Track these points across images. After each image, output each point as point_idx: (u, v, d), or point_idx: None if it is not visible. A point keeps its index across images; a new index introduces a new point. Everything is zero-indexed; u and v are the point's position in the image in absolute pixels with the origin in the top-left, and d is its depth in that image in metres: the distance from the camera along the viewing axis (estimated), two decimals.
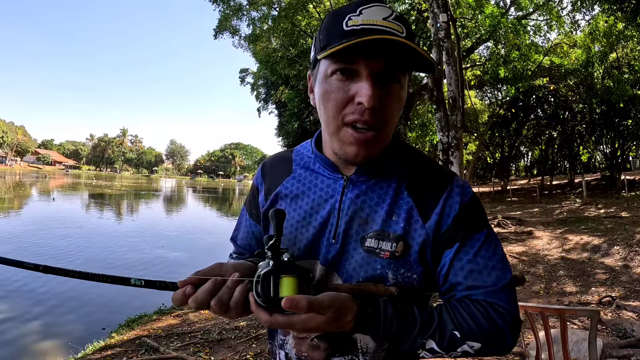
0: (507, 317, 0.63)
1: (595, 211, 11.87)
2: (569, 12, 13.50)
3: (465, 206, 0.68)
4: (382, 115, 0.63)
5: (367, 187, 0.71)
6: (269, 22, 14.56)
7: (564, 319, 2.03)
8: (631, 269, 5.89)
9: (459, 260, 0.66)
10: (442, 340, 0.62)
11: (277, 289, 0.55)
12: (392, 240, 0.67)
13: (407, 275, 0.67)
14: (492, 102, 20.72)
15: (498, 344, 0.64)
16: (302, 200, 0.74)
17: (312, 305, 0.54)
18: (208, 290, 0.58)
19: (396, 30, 0.59)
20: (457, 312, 0.63)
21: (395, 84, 0.63)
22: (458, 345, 0.62)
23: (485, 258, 0.66)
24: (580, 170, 26.43)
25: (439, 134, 7.02)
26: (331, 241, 0.70)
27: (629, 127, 19.32)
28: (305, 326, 0.55)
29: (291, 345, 0.73)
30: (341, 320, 0.57)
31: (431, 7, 7.02)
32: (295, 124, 21.25)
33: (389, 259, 0.66)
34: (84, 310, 5.68)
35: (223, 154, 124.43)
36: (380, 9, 0.61)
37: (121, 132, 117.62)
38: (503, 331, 0.63)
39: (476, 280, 0.65)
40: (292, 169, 0.79)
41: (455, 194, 0.68)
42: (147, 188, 44.70)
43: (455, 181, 0.70)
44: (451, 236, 0.67)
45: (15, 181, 40.36)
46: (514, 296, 0.66)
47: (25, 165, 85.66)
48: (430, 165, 0.74)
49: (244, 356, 3.41)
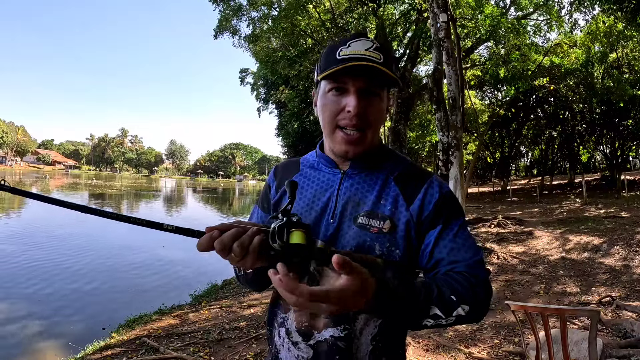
0: (484, 285, 0.76)
1: (595, 211, 11.87)
2: (568, 11, 13.50)
3: (443, 195, 0.84)
4: (366, 119, 0.82)
5: (360, 178, 0.87)
6: (269, 22, 14.55)
7: (564, 319, 2.03)
8: (631, 269, 5.89)
9: (442, 239, 0.80)
10: (444, 305, 0.70)
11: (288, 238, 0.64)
12: (380, 219, 0.81)
13: (391, 249, 0.80)
14: (492, 102, 20.74)
15: (480, 306, 0.75)
16: (306, 191, 0.90)
17: (352, 266, 0.56)
18: (232, 235, 0.66)
19: (374, 57, 0.79)
20: (448, 281, 0.73)
21: (375, 97, 0.82)
22: (454, 309, 0.70)
23: (463, 239, 0.80)
24: (580, 170, 26.44)
25: (439, 134, 7.02)
26: (330, 221, 0.84)
27: (629, 127, 19.31)
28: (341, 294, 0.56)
29: (292, 320, 0.83)
30: (367, 290, 0.60)
31: (431, 7, 7.01)
32: (295, 124, 21.26)
33: (377, 233, 0.80)
34: (84, 310, 5.69)
35: (223, 154, 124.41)
36: (364, 42, 0.82)
37: (121, 132, 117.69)
38: (482, 295, 0.75)
39: (457, 255, 0.78)
40: (299, 169, 0.96)
41: (435, 185, 0.85)
42: (147, 188, 44.71)
43: (434, 177, 0.87)
44: (433, 219, 0.81)
45: (15, 181, 40.37)
46: (485, 268, 0.80)
47: (25, 165, 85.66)
48: (413, 165, 0.92)
49: (244, 356, 3.41)
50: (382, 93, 0.83)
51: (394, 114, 12.26)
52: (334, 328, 0.79)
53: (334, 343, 0.79)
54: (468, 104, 11.85)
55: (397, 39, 14.67)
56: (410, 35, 13.94)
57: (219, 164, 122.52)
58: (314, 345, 0.80)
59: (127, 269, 7.81)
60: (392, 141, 12.27)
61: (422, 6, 10.73)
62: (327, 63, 0.82)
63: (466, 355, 3.37)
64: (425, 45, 13.26)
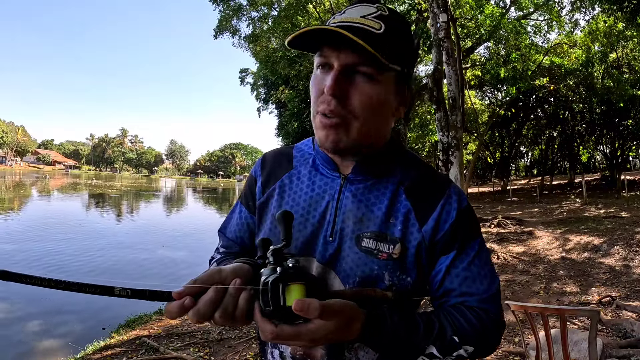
0: (497, 323, 0.68)
1: (595, 211, 11.86)
2: (569, 11, 13.50)
3: (461, 213, 0.70)
4: (348, 105, 0.64)
5: (364, 187, 0.72)
6: (269, 22, 14.55)
7: (564, 319, 2.03)
8: (631, 269, 5.89)
9: (455, 267, 0.69)
10: (443, 345, 0.63)
11: (284, 298, 0.51)
12: (390, 242, 0.68)
13: (402, 277, 0.68)
14: (492, 102, 20.72)
15: (489, 346, 0.68)
16: (299, 197, 0.75)
17: (324, 308, 0.51)
18: (211, 301, 0.53)
19: (371, 26, 0.62)
20: (455, 318, 0.66)
21: (367, 80, 0.64)
22: (455, 350, 0.64)
23: (479, 267, 0.69)
24: (580, 170, 26.43)
25: (439, 134, 7.02)
26: (328, 239, 0.70)
27: (629, 127, 19.31)
28: (314, 336, 0.53)
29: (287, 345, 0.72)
30: (350, 328, 0.56)
31: (431, 7, 7.01)
32: (295, 124, 21.23)
33: (387, 260, 0.67)
34: (84, 310, 5.68)
35: (223, 154, 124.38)
36: (363, 8, 0.65)
37: (121, 132, 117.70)
38: (492, 333, 0.68)
39: (470, 287, 0.68)
40: (292, 165, 0.79)
41: (453, 200, 0.70)
42: (147, 188, 44.70)
43: (452, 188, 0.72)
44: (448, 242, 0.69)
45: (15, 181, 40.35)
46: (500, 302, 0.70)
47: (25, 165, 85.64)
48: (428, 170, 0.75)
49: (244, 356, 3.41)
50: (380, 76, 0.64)
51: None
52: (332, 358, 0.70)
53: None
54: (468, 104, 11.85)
55: None
56: None
57: (219, 164, 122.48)
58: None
59: (127, 269, 7.81)
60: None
61: (422, 6, 10.73)
62: None
63: None
64: (425, 45, 13.25)
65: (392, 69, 0.65)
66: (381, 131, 0.71)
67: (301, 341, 0.54)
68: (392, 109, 0.71)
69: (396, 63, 0.66)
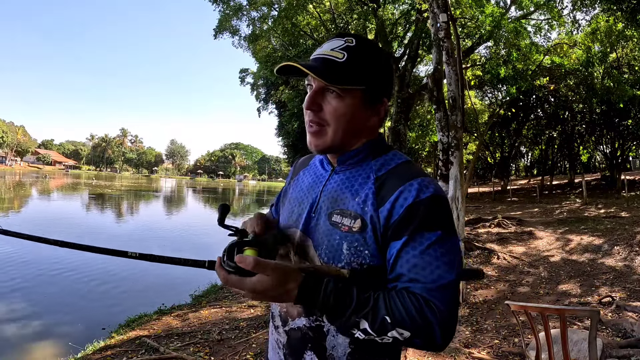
0: (438, 315, 0.68)
1: (596, 211, 11.86)
2: (570, 11, 13.49)
3: (419, 202, 0.73)
4: (323, 116, 0.82)
5: (345, 176, 0.86)
6: (269, 22, 14.54)
7: (563, 319, 2.03)
8: (632, 269, 5.89)
9: (406, 253, 0.72)
10: (374, 322, 0.68)
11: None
12: (352, 217, 0.79)
13: (359, 250, 0.77)
14: (492, 102, 20.72)
15: (427, 337, 0.68)
16: (303, 184, 0.95)
17: (258, 263, 0.67)
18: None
19: (334, 57, 0.79)
20: (392, 300, 0.69)
21: (333, 95, 0.80)
22: (388, 330, 0.68)
23: (432, 257, 0.71)
24: (580, 170, 26.43)
25: (439, 134, 7.01)
26: (312, 214, 0.86)
27: (629, 127, 19.31)
28: (254, 287, 0.67)
29: (276, 305, 0.90)
30: (285, 286, 0.68)
31: (431, 7, 7.00)
32: (295, 124, 21.24)
33: (347, 232, 0.78)
34: (84, 310, 5.68)
35: (223, 154, 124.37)
36: (334, 42, 0.82)
37: (121, 132, 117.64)
38: (432, 326, 0.67)
39: (418, 274, 0.71)
40: (309, 164, 1.01)
41: (413, 189, 0.75)
42: (147, 188, 44.70)
43: (419, 179, 0.76)
44: (400, 228, 0.73)
45: (15, 181, 40.34)
46: (451, 298, 0.70)
47: (25, 165, 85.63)
48: (405, 165, 0.84)
49: (244, 356, 3.41)
50: (344, 93, 0.80)
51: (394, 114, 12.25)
52: (306, 318, 0.81)
53: (306, 332, 0.81)
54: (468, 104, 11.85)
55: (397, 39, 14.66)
56: (410, 35, 13.93)
57: (219, 164, 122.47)
58: (288, 331, 0.85)
59: (127, 269, 7.81)
60: (392, 141, 12.26)
61: (422, 6, 10.73)
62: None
63: (466, 356, 3.37)
64: (425, 45, 13.25)
65: (354, 89, 0.80)
66: (353, 135, 0.84)
67: (244, 289, 0.69)
68: (363, 119, 0.84)
69: (357, 84, 0.80)
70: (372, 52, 0.83)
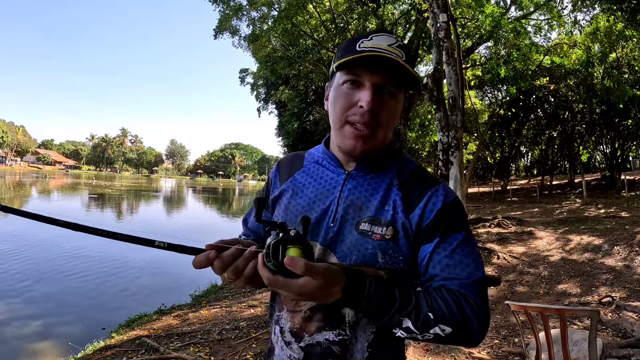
0: (476, 309, 0.71)
1: (596, 211, 11.86)
2: (570, 11, 13.49)
3: (447, 206, 0.78)
4: (378, 118, 0.77)
5: (364, 181, 0.83)
6: (269, 22, 14.54)
7: (564, 319, 2.03)
8: (632, 269, 5.89)
9: (438, 254, 0.75)
10: (417, 320, 0.69)
11: (283, 256, 0.63)
12: (383, 225, 0.77)
13: (394, 257, 0.77)
14: (492, 102, 20.71)
15: (466, 331, 0.70)
16: (308, 190, 0.87)
17: (309, 267, 0.62)
18: (232, 255, 0.68)
19: (396, 54, 0.75)
20: (432, 297, 0.71)
21: (391, 96, 0.78)
22: (431, 327, 0.69)
23: (461, 255, 0.75)
24: (580, 170, 26.43)
25: (439, 134, 7.01)
26: (330, 225, 0.81)
27: (629, 127, 19.31)
28: (301, 289, 0.63)
29: (286, 319, 0.83)
30: (331, 288, 0.65)
31: (431, 7, 7.00)
32: (295, 124, 21.24)
33: (380, 240, 0.77)
34: (84, 310, 5.68)
35: (223, 154, 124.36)
36: (387, 37, 0.78)
37: (121, 132, 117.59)
38: (471, 320, 0.70)
39: (451, 273, 0.74)
40: (303, 165, 0.93)
41: (440, 194, 0.79)
42: (147, 188, 44.70)
43: (442, 184, 0.82)
44: (431, 231, 0.76)
45: (15, 181, 40.34)
46: (484, 293, 0.74)
47: (25, 165, 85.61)
48: (420, 169, 0.87)
49: (244, 356, 3.41)
50: (399, 94, 0.79)
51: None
52: (328, 332, 0.78)
53: (328, 347, 0.78)
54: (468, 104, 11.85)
55: None
56: (410, 35, 13.93)
57: (219, 164, 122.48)
58: (304, 347, 0.80)
59: (127, 269, 7.81)
60: (392, 141, 12.26)
61: (422, 6, 10.73)
62: (345, 53, 0.77)
63: (466, 356, 3.37)
64: (425, 45, 13.25)
65: (412, 86, 0.79)
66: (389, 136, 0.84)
67: (289, 291, 0.64)
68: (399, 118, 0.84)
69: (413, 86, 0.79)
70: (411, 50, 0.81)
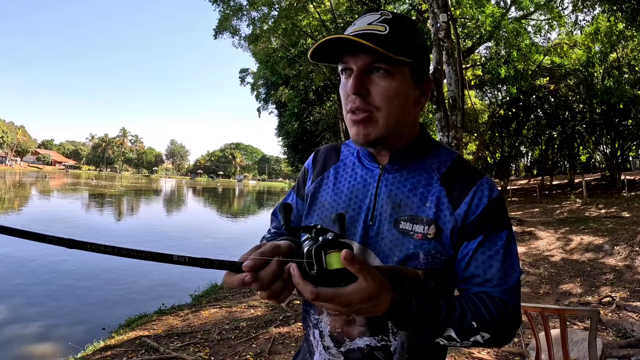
0: (514, 314, 0.71)
1: (596, 211, 11.86)
2: (570, 12, 13.49)
3: (493, 201, 0.74)
4: (372, 100, 0.72)
5: (401, 176, 0.79)
6: (269, 22, 14.55)
7: (563, 319, 2.03)
8: (632, 269, 5.88)
9: (482, 254, 0.72)
10: (461, 329, 0.67)
11: (326, 262, 0.58)
12: (425, 223, 0.73)
13: (437, 257, 0.73)
14: (492, 102, 20.71)
15: (502, 336, 0.71)
16: (343, 186, 0.84)
17: (365, 264, 0.58)
18: (273, 272, 0.61)
19: (377, 30, 0.70)
20: (476, 305, 0.70)
21: (387, 75, 0.71)
22: (473, 335, 0.68)
23: (504, 257, 0.72)
24: (580, 170, 26.43)
25: (439, 134, 7.01)
26: (368, 223, 0.77)
27: (629, 127, 19.31)
28: (349, 299, 0.58)
29: (326, 323, 0.79)
30: (380, 300, 0.60)
31: (431, 7, 7.01)
32: (295, 124, 21.25)
33: (422, 240, 0.73)
34: (84, 310, 5.68)
35: (223, 154, 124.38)
36: (369, 16, 0.74)
37: (121, 132, 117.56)
38: (509, 325, 0.71)
39: (494, 276, 0.72)
40: (339, 158, 0.89)
41: (485, 188, 0.75)
42: (147, 188, 44.71)
43: (485, 178, 0.77)
44: (477, 227, 0.73)
45: (15, 181, 40.35)
46: (519, 291, 0.73)
47: (25, 165, 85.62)
48: (461, 160, 0.81)
49: (244, 356, 3.41)
50: (397, 71, 0.71)
51: None
52: (370, 337, 0.75)
53: (370, 352, 0.75)
54: (468, 104, 11.86)
55: None
56: None
57: (219, 164, 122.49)
58: (345, 352, 0.77)
59: (127, 269, 7.81)
60: None
61: (422, 6, 10.74)
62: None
63: (466, 356, 3.37)
64: None
65: (403, 61, 0.71)
66: (405, 120, 0.76)
67: (336, 304, 0.59)
68: (412, 99, 0.76)
69: (405, 55, 0.71)
70: (411, 24, 0.75)
